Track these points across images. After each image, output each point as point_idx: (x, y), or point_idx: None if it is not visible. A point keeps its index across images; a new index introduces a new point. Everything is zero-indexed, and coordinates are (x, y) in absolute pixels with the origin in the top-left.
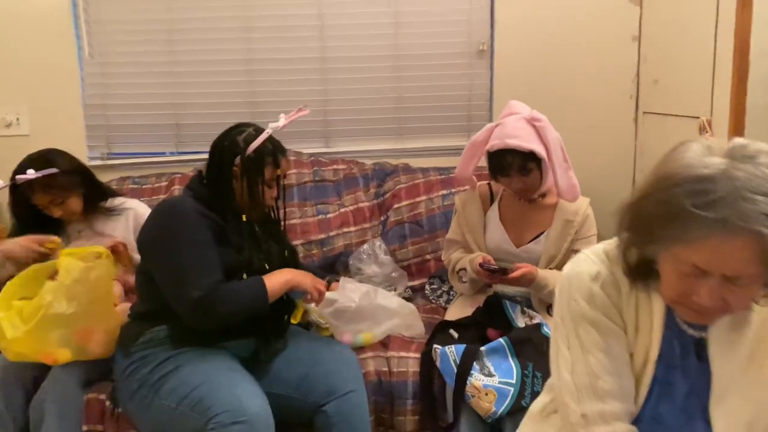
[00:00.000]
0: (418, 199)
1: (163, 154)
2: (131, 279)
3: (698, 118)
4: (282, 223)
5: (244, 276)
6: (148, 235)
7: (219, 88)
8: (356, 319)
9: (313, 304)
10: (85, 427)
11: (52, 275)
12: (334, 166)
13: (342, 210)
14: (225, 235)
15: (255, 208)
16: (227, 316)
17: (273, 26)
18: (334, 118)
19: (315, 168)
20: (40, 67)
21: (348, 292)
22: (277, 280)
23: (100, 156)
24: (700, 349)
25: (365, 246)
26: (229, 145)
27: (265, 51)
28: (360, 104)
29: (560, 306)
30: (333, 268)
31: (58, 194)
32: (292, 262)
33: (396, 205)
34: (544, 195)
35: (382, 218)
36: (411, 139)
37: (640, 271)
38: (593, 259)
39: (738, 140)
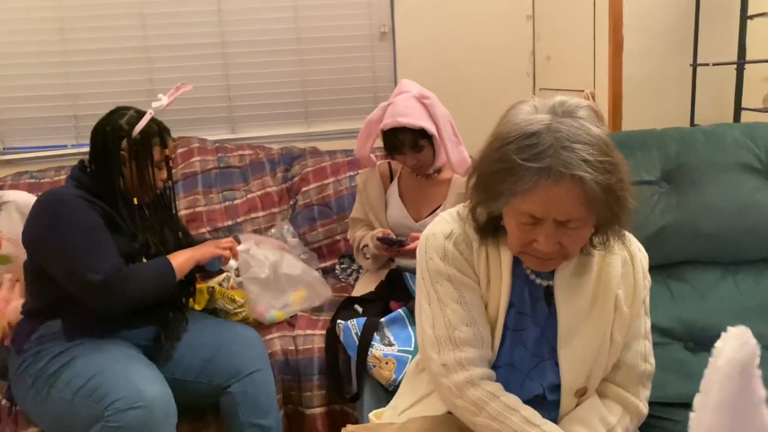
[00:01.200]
0: (325, 182)
1: (63, 147)
2: None
3: (583, 91)
4: (173, 206)
5: (143, 260)
6: (35, 230)
7: (117, 77)
8: (268, 288)
9: (226, 278)
10: None
11: None
12: (240, 152)
13: (249, 196)
14: (115, 222)
15: (146, 191)
16: (135, 297)
17: (169, 12)
18: (239, 104)
19: (220, 154)
20: None
21: (256, 262)
22: (181, 257)
23: None
24: (548, 296)
25: (273, 230)
26: (111, 129)
27: (162, 37)
28: (264, 89)
29: (420, 265)
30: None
31: None
32: (187, 245)
33: (304, 189)
34: (439, 170)
35: (291, 202)
36: (318, 122)
37: (489, 228)
38: (448, 220)
39: (559, 98)
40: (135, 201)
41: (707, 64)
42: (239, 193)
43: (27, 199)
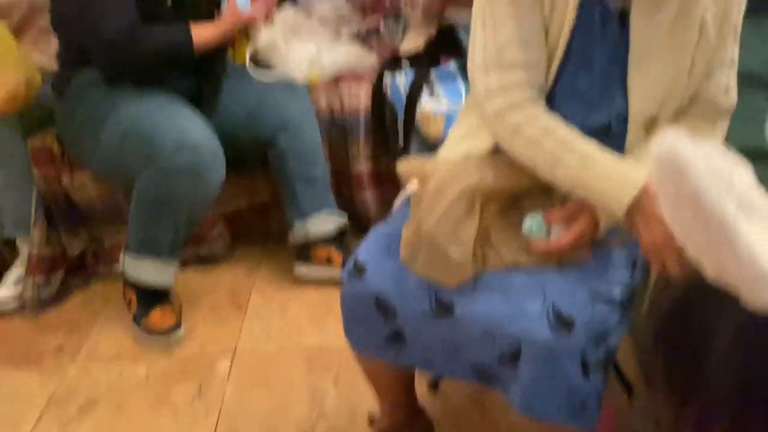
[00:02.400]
0: None
1: None
2: None
3: None
4: None
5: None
6: None
7: None
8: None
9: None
10: (36, 171)
11: None
12: None
13: None
14: None
15: None
16: (144, 61)
17: None
18: None
19: None
20: None
21: (293, 56)
22: (205, 31)
23: None
24: (623, 18)
25: None
26: None
27: None
28: None
29: None
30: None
31: None
32: None
33: None
34: None
35: None
36: None
37: None
38: None
39: None
40: None
41: None
42: None
43: None
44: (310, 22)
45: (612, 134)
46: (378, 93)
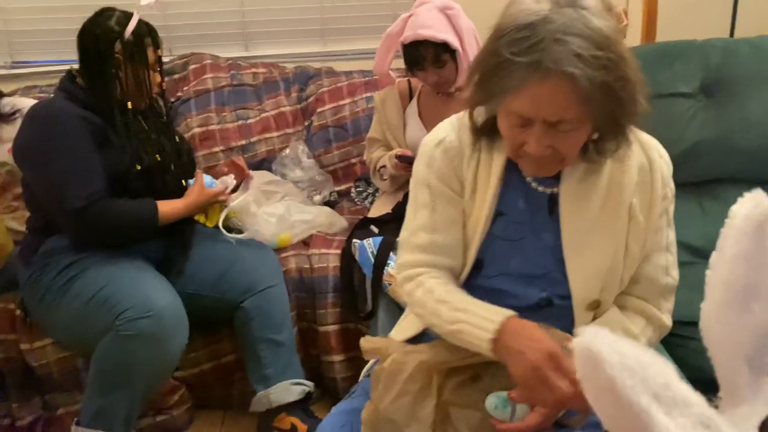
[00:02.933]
0: (341, 103)
1: (72, 61)
2: None
3: (615, 8)
4: (165, 115)
5: (137, 167)
6: (22, 144)
7: None
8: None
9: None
10: None
11: None
12: (253, 70)
13: (263, 115)
14: (106, 136)
15: (142, 96)
16: (109, 231)
17: None
18: (253, 20)
19: (232, 72)
20: None
21: (262, 224)
22: (171, 205)
23: (3, 65)
24: (552, 204)
25: (287, 150)
26: (102, 32)
27: None
28: (280, 4)
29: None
30: None
31: None
32: (186, 151)
33: (319, 109)
34: (461, 89)
35: (306, 123)
36: (334, 41)
37: (485, 130)
38: (446, 126)
39: None
40: (129, 105)
41: None
42: (253, 112)
43: None
44: (283, 186)
45: (555, 309)
46: (347, 255)
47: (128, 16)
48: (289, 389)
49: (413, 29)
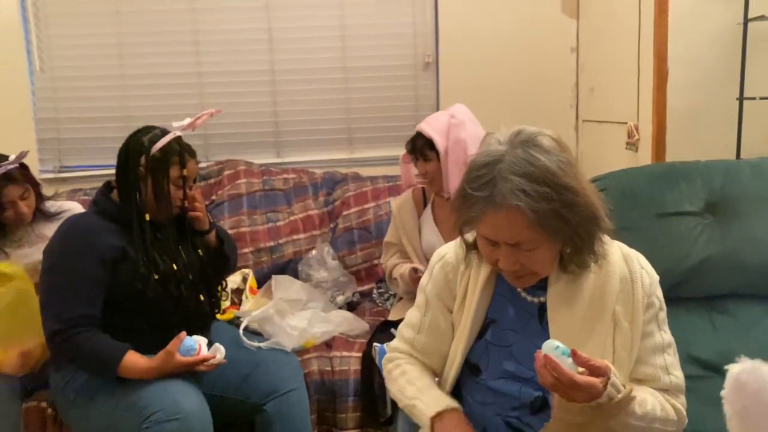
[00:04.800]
0: (366, 206)
1: (114, 166)
2: None
3: (627, 123)
4: (188, 226)
5: (155, 276)
6: (44, 251)
7: (169, 101)
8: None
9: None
10: None
11: None
12: (284, 176)
13: (292, 218)
14: (126, 253)
15: (161, 209)
16: (73, 360)
17: (222, 39)
18: (285, 129)
19: (265, 177)
20: None
21: (287, 329)
22: (141, 362)
23: (52, 169)
24: (542, 312)
25: (314, 251)
26: (134, 146)
27: (215, 64)
28: (310, 115)
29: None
30: (283, 273)
31: (27, 186)
32: (213, 264)
33: (345, 212)
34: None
35: (332, 225)
36: (360, 149)
37: (474, 247)
38: (450, 244)
39: (519, 127)
40: (147, 217)
41: (754, 98)
42: (282, 215)
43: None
44: (306, 291)
45: (549, 407)
46: (367, 358)
47: (164, 134)
48: None
49: (421, 122)
